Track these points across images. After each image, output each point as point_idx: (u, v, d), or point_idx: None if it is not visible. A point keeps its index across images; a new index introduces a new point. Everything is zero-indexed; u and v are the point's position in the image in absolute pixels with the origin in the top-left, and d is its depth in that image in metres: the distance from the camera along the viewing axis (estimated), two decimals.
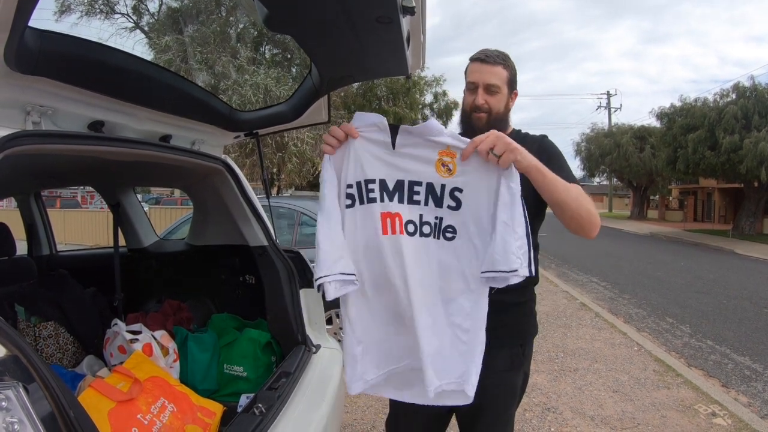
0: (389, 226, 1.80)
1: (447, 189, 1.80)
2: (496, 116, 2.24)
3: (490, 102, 2.23)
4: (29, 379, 1.27)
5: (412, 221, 1.82)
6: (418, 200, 1.82)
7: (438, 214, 1.82)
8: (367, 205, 1.81)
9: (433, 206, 1.82)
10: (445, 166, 1.79)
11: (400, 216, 1.80)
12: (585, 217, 1.96)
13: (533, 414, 4.90)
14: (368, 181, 1.81)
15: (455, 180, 1.79)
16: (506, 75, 2.24)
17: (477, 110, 2.24)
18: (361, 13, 1.83)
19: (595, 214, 2.00)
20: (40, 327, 3.13)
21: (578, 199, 1.95)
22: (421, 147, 1.80)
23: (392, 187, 1.82)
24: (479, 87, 2.23)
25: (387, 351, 1.92)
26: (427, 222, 1.83)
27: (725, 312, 9.58)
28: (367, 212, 1.81)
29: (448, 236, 1.83)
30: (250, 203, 3.22)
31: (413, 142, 1.80)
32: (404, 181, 1.82)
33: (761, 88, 24.85)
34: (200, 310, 3.87)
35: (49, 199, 28.95)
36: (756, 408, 5.30)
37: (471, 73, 2.27)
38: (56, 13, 17.62)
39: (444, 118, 28.35)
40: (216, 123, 2.94)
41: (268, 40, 18.90)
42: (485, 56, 2.23)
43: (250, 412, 2.23)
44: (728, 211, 36.49)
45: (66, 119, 2.06)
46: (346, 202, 1.82)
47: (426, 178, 1.80)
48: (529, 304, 2.35)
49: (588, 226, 2.00)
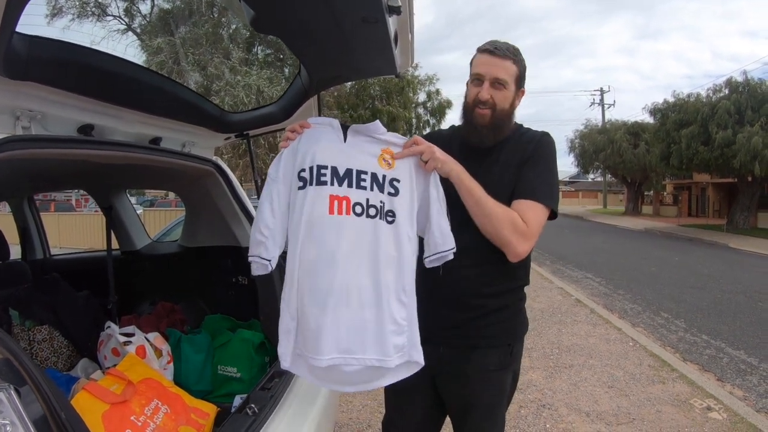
0: (336, 207, 1.92)
1: (387, 179, 1.99)
2: (500, 113, 2.15)
3: (496, 97, 2.13)
4: (21, 382, 1.28)
5: (359, 203, 1.94)
6: (365, 186, 1.96)
7: (381, 198, 1.97)
8: (318, 187, 1.95)
9: (378, 191, 1.97)
10: (386, 161, 2.02)
11: (348, 199, 1.94)
12: (490, 232, 2.07)
13: (528, 411, 4.91)
14: (321, 167, 1.96)
15: (393, 172, 2.01)
16: (516, 70, 2.14)
17: (481, 105, 2.14)
18: (346, 13, 1.84)
19: (506, 236, 2.05)
20: (34, 331, 3.13)
21: (489, 214, 2.04)
22: (368, 143, 2.04)
23: (342, 174, 1.96)
24: (486, 80, 2.13)
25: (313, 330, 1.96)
26: (373, 205, 1.95)
27: (720, 306, 9.61)
28: (317, 193, 1.94)
29: (390, 220, 1.96)
30: (241, 204, 3.23)
31: (361, 139, 2.04)
32: (353, 170, 1.97)
33: (754, 83, 24.85)
34: (193, 311, 3.87)
35: (44, 202, 28.86)
36: (751, 401, 5.31)
37: (478, 64, 2.16)
38: (47, 16, 17.56)
39: (437, 117, 28.42)
40: (206, 125, 2.94)
41: (261, 40, 18.87)
42: (495, 48, 2.12)
43: (243, 412, 2.24)
44: (722, 205, 36.54)
45: (56, 123, 2.07)
46: (299, 184, 1.98)
47: (371, 169, 1.99)
48: (517, 305, 2.30)
49: (496, 241, 2.09)
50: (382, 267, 1.92)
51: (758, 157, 22.40)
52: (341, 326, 1.89)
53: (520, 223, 2.04)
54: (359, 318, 1.91)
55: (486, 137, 2.19)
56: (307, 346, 1.94)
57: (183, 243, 4.05)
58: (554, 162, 2.22)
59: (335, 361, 1.90)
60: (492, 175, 2.14)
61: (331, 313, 1.88)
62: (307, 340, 1.94)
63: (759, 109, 23.65)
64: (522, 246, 2.06)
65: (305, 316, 1.93)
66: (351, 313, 1.90)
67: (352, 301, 1.90)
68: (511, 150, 2.20)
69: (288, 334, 1.99)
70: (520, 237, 2.04)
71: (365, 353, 1.91)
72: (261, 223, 2.04)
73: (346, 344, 1.90)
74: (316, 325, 1.90)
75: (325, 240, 1.90)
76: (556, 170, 2.22)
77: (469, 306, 2.17)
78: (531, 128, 2.31)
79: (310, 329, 1.91)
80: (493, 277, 2.17)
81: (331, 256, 1.89)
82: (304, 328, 1.94)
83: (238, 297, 3.77)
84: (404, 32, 2.22)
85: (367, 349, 1.91)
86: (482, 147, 2.20)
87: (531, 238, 2.07)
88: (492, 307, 2.17)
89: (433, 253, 2.02)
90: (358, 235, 1.91)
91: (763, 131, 22.65)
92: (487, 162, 2.19)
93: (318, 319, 1.89)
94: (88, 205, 33.79)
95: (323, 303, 1.89)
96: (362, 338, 1.91)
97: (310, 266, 1.92)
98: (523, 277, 2.29)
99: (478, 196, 2.03)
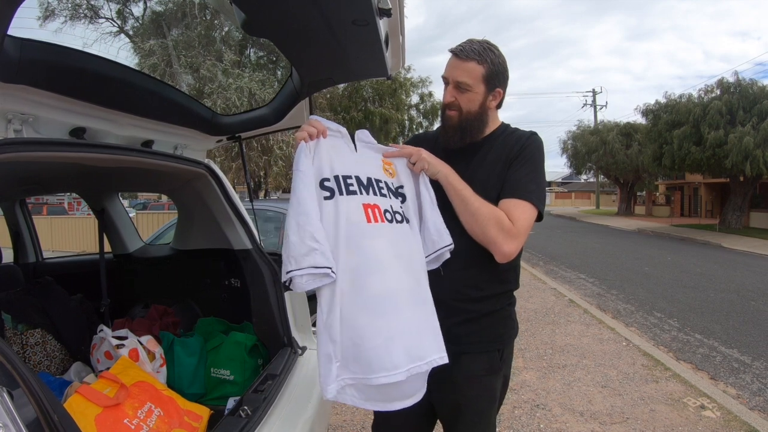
0: (371, 215, 1.88)
1: (394, 186, 2.06)
2: (467, 115, 2.15)
3: (461, 100, 2.13)
4: (14, 385, 1.28)
5: (387, 210, 1.94)
6: (385, 194, 1.98)
7: (398, 204, 2.01)
8: (349, 197, 1.88)
9: (393, 198, 2.01)
10: (388, 170, 2.06)
11: (379, 207, 1.92)
12: (476, 231, 2.07)
13: (522, 411, 4.92)
14: (346, 176, 1.91)
15: (396, 180, 2.08)
16: (481, 72, 2.10)
17: (447, 107, 2.17)
18: (337, 16, 1.85)
19: (492, 235, 2.03)
20: (27, 335, 3.13)
21: (475, 213, 2.04)
22: (371, 151, 2.08)
23: (366, 182, 1.95)
24: (449, 83, 2.15)
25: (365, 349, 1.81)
26: (396, 211, 1.98)
27: (713, 305, 9.65)
28: (350, 202, 1.87)
29: (409, 223, 2.01)
30: (233, 207, 3.23)
31: (366, 148, 2.07)
32: (372, 179, 1.98)
33: (745, 83, 24.97)
34: (186, 314, 3.87)
35: (36, 206, 28.77)
36: (745, 400, 5.34)
37: (445, 67, 2.17)
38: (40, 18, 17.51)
39: (430, 119, 28.46)
40: (198, 127, 2.95)
41: (253, 43, 18.87)
42: (460, 50, 2.11)
43: (236, 414, 2.24)
44: (715, 205, 36.71)
45: (47, 126, 2.06)
46: (324, 194, 1.85)
47: (382, 177, 2.02)
48: (506, 310, 2.27)
49: (483, 240, 2.08)
50: (417, 267, 1.95)
51: (750, 157, 22.50)
52: (406, 331, 1.82)
53: (506, 222, 2.01)
54: (418, 319, 1.88)
55: (452, 138, 2.21)
56: (372, 366, 1.77)
57: (176, 246, 4.05)
58: (542, 162, 2.20)
59: (412, 371, 1.80)
60: (478, 175, 2.14)
61: (393, 318, 1.81)
62: (369, 360, 1.77)
63: (750, 109, 23.76)
64: (508, 245, 2.02)
65: (358, 329, 1.78)
66: (410, 315, 1.86)
67: (406, 303, 1.86)
68: (498, 149, 2.19)
69: (329, 360, 1.80)
70: (507, 236, 2.01)
71: (431, 354, 1.87)
72: (308, 227, 1.77)
73: (417, 351, 1.82)
74: (377, 336, 1.77)
75: (369, 247, 1.85)
76: (544, 170, 2.21)
77: (458, 310, 2.15)
78: (519, 128, 2.29)
79: (372, 346, 1.77)
80: (482, 281, 2.16)
81: (377, 262, 1.84)
82: (359, 345, 1.78)
83: (230, 299, 3.76)
84: (395, 34, 2.23)
85: (429, 349, 1.88)
86: (463, 147, 2.21)
87: (518, 237, 2.03)
88: (481, 311, 2.16)
89: (431, 251, 2.03)
90: (395, 239, 1.92)
91: (755, 131, 22.76)
92: (474, 161, 2.19)
93: (377, 328, 1.78)
94: (80, 208, 33.71)
95: (380, 309, 1.80)
96: (423, 340, 1.88)
97: (354, 275, 1.81)
98: (513, 281, 2.28)
99: (464, 195, 2.04)
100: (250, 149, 17.66)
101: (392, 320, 1.80)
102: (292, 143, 17.44)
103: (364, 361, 1.77)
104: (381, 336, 1.77)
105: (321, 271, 1.75)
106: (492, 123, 2.26)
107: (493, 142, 2.22)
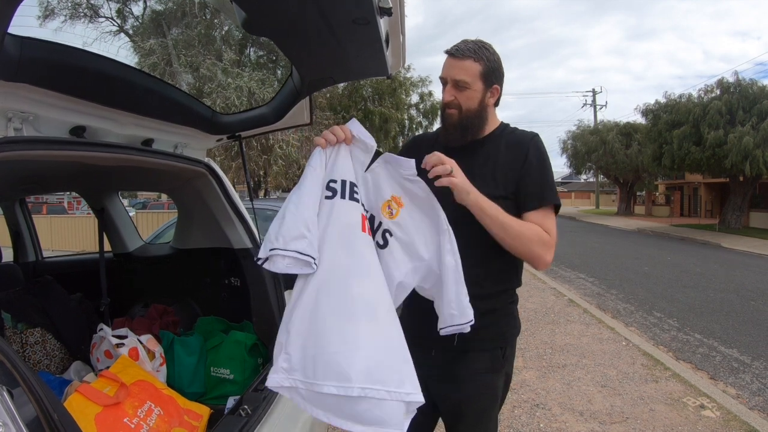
0: (366, 227, 1.87)
1: (382, 227, 1.96)
2: (467, 113, 2.17)
3: (460, 98, 2.15)
4: (14, 384, 1.28)
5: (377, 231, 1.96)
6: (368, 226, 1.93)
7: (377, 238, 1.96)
8: (351, 202, 1.86)
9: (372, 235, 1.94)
10: (390, 209, 1.96)
11: (370, 224, 1.93)
12: (522, 251, 2.10)
13: (522, 410, 4.92)
14: (353, 184, 1.90)
15: (392, 223, 1.96)
16: (478, 69, 2.12)
17: (447, 106, 2.19)
18: (338, 15, 1.84)
19: (537, 252, 2.08)
20: (26, 334, 3.12)
21: (519, 236, 2.05)
22: (384, 181, 1.98)
23: (366, 201, 1.96)
24: (448, 82, 2.17)
25: None
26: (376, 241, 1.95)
27: (712, 305, 9.66)
28: (350, 207, 1.86)
29: None
30: (233, 206, 3.22)
31: (383, 173, 1.98)
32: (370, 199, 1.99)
33: (745, 83, 25.00)
34: (186, 313, 3.87)
35: (36, 205, 28.74)
36: (744, 399, 5.35)
37: (442, 67, 2.19)
38: (39, 17, 17.52)
39: (430, 118, 28.43)
40: (198, 126, 2.94)
41: (253, 42, 18.87)
42: (455, 50, 2.14)
43: (236, 413, 2.24)
44: (714, 205, 36.71)
45: (48, 125, 2.06)
46: (327, 193, 1.85)
47: (373, 210, 1.97)
48: (508, 308, 2.29)
49: (526, 257, 2.13)
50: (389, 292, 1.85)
51: (749, 157, 22.52)
52: (374, 347, 1.68)
53: (545, 236, 2.09)
54: (392, 340, 1.74)
55: (453, 136, 2.21)
56: (326, 372, 1.64)
57: (175, 245, 4.04)
58: (548, 161, 2.23)
59: (368, 393, 1.61)
60: (480, 171, 2.15)
61: (364, 327, 1.68)
62: (325, 364, 1.65)
63: (750, 109, 23.78)
64: (550, 255, 2.11)
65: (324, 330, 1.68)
66: (385, 332, 1.73)
67: (384, 318, 1.75)
68: (502, 148, 2.20)
69: (279, 349, 1.77)
70: (548, 248, 2.10)
71: (397, 385, 1.67)
72: (305, 213, 1.76)
73: (379, 373, 1.64)
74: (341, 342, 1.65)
75: (360, 252, 1.81)
76: (551, 168, 2.25)
77: None
78: (518, 128, 2.31)
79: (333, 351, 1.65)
80: (485, 280, 2.16)
81: (367, 267, 1.80)
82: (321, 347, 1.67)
83: (230, 299, 3.76)
84: (395, 33, 2.22)
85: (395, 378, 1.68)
86: (464, 145, 2.22)
87: (554, 245, 2.13)
88: (483, 309, 2.13)
89: (449, 325, 1.94)
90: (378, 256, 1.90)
91: (755, 131, 22.79)
92: (475, 159, 2.20)
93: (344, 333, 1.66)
94: (80, 207, 33.69)
95: (355, 315, 1.69)
96: (392, 364, 1.70)
97: (336, 274, 1.74)
98: (515, 280, 2.30)
99: (503, 221, 2.03)
100: (250, 148, 17.64)
101: (363, 329, 1.68)
102: (293, 143, 17.39)
103: (320, 364, 1.65)
104: (346, 343, 1.65)
105: (305, 258, 1.71)
106: (491, 121, 2.27)
107: (494, 141, 2.23)
